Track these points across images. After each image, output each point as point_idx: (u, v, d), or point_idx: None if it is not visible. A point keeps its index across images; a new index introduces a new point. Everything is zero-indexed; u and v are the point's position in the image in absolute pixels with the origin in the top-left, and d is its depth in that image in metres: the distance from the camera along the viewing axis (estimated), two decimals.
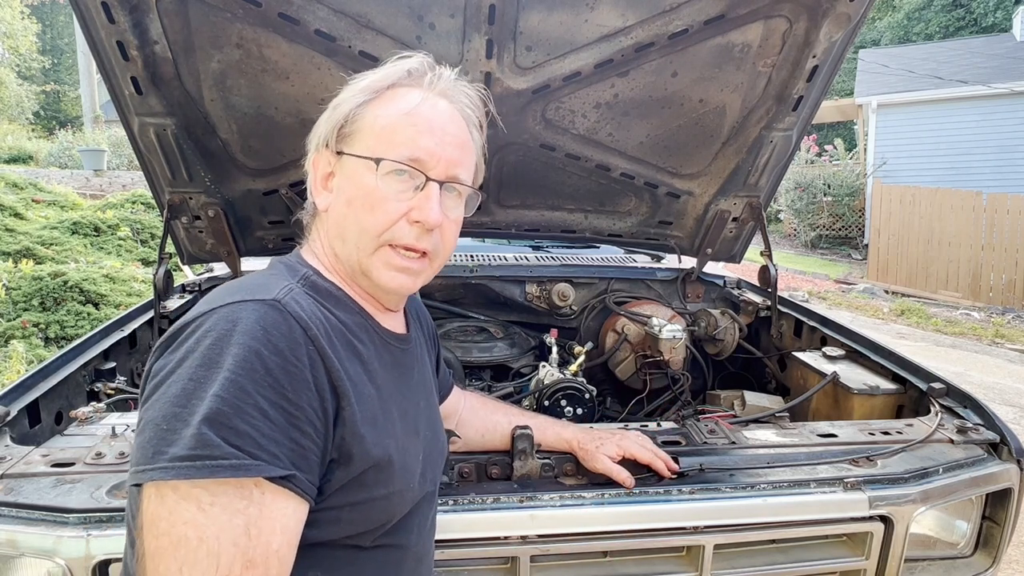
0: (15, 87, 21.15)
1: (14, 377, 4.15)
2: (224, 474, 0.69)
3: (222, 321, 0.76)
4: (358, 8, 1.59)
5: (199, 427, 0.69)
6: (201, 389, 0.71)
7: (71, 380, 1.64)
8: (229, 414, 0.70)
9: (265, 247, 2.27)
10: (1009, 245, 10.19)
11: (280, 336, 0.76)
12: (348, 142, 0.93)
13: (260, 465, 0.71)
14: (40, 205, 8.88)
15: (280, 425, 0.73)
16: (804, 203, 14.30)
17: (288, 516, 0.74)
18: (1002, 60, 14.29)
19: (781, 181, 2.29)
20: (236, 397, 0.71)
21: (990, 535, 1.45)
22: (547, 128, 1.99)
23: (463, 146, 0.95)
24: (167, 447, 0.69)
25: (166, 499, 0.70)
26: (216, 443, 0.69)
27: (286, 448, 0.74)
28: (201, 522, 0.69)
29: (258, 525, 0.71)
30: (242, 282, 0.87)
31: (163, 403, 0.72)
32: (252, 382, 0.72)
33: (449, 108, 0.94)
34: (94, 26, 1.55)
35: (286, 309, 0.79)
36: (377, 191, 0.89)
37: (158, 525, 0.70)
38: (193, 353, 0.74)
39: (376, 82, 0.94)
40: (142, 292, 5.94)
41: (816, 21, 1.70)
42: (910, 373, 1.76)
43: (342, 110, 0.94)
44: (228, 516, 0.70)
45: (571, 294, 2.46)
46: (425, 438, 1.01)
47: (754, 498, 1.26)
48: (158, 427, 0.71)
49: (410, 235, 0.90)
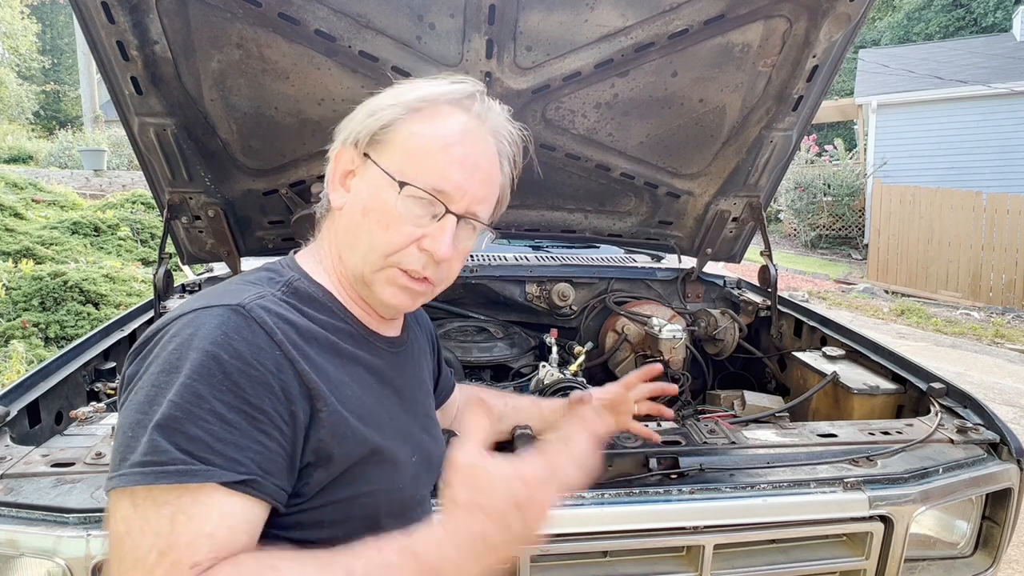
0: (15, 87, 21.17)
1: (14, 377, 4.15)
2: (169, 480, 0.68)
3: (186, 327, 0.76)
4: (358, 8, 1.59)
5: (151, 432, 0.69)
6: (161, 395, 0.71)
7: (71, 380, 1.64)
8: (181, 419, 0.70)
9: (265, 247, 2.27)
10: (1009, 245, 10.19)
11: (241, 340, 0.75)
12: (378, 149, 0.90)
13: (211, 471, 0.69)
14: (40, 205, 8.88)
15: (242, 428, 0.72)
16: (804, 203, 14.29)
17: (232, 504, 0.71)
18: (1002, 60, 14.29)
19: (781, 181, 2.29)
20: (189, 402, 0.70)
21: (990, 535, 1.45)
22: (547, 128, 1.99)
23: (491, 183, 0.94)
24: (128, 453, 0.70)
25: (116, 502, 0.71)
26: (165, 448, 0.68)
27: (251, 452, 0.72)
28: (130, 516, 0.69)
29: (187, 512, 0.69)
30: (215, 289, 0.86)
31: (129, 410, 0.73)
32: (208, 386, 0.71)
33: (487, 143, 0.93)
34: (94, 26, 1.55)
35: (251, 314, 0.78)
36: (394, 211, 0.87)
37: (109, 527, 0.72)
38: (158, 359, 0.74)
39: (422, 99, 0.91)
40: (142, 292, 5.94)
41: (816, 21, 1.70)
42: (910, 373, 1.76)
43: (379, 118, 0.91)
44: (156, 507, 0.69)
45: (571, 294, 2.46)
46: (419, 440, 1.00)
47: (754, 498, 1.26)
48: (124, 434, 0.71)
49: (417, 262, 0.89)
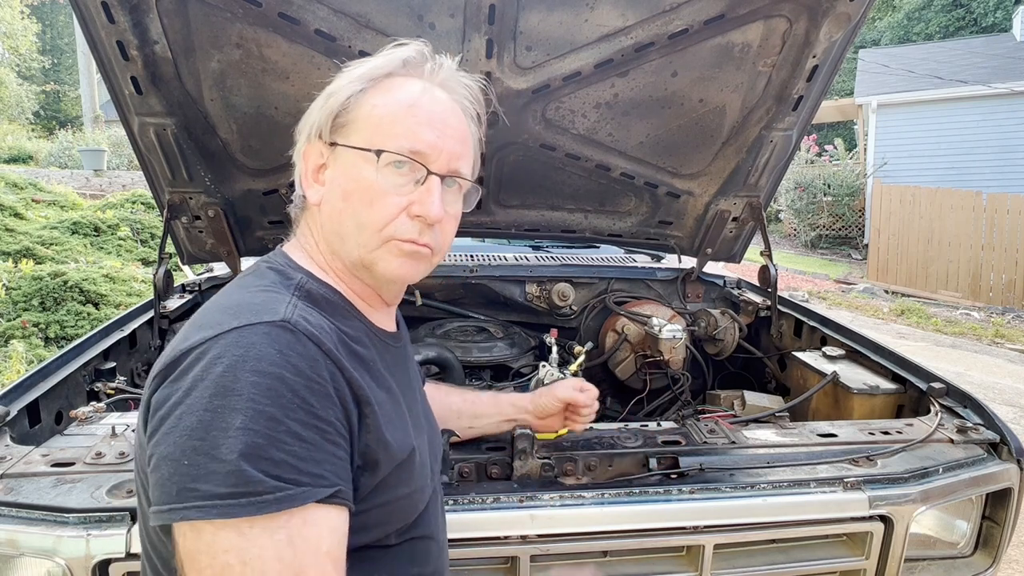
0: (15, 87, 21.16)
1: (14, 377, 4.15)
2: (270, 509, 0.67)
3: (232, 347, 0.72)
4: (358, 8, 1.59)
5: (238, 464, 0.66)
6: (221, 420, 0.68)
7: (71, 380, 1.64)
8: (263, 445, 0.68)
9: (265, 247, 2.27)
10: (1009, 245, 10.19)
11: (298, 356, 0.73)
12: (343, 133, 0.88)
13: (306, 491, 0.69)
14: (40, 205, 8.88)
15: (317, 443, 0.72)
16: (804, 203, 14.29)
17: (333, 518, 0.73)
18: (1002, 60, 14.28)
19: (781, 181, 2.29)
20: (267, 427, 0.68)
21: (990, 535, 1.45)
22: (547, 128, 1.99)
23: (464, 139, 0.92)
24: (195, 483, 0.67)
25: (203, 533, 0.67)
26: (258, 479, 0.67)
27: (328, 464, 0.72)
28: (242, 546, 0.67)
29: (302, 534, 0.69)
30: (238, 301, 0.81)
31: (177, 436, 0.68)
32: (280, 408, 0.70)
33: (449, 100, 0.92)
34: (94, 26, 1.55)
35: (297, 328, 0.76)
36: (376, 184, 0.85)
37: (199, 560, 0.68)
38: (203, 382, 0.70)
39: (373, 70, 0.89)
40: (142, 292, 5.94)
41: (816, 21, 1.70)
42: (910, 373, 1.76)
43: (337, 99, 0.89)
44: (268, 534, 0.67)
45: (571, 294, 2.46)
46: (425, 430, 1.02)
47: (754, 498, 1.26)
48: (178, 463, 0.68)
49: (412, 230, 0.87)
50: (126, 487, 1.15)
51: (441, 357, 2.04)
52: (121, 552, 1.06)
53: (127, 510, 1.09)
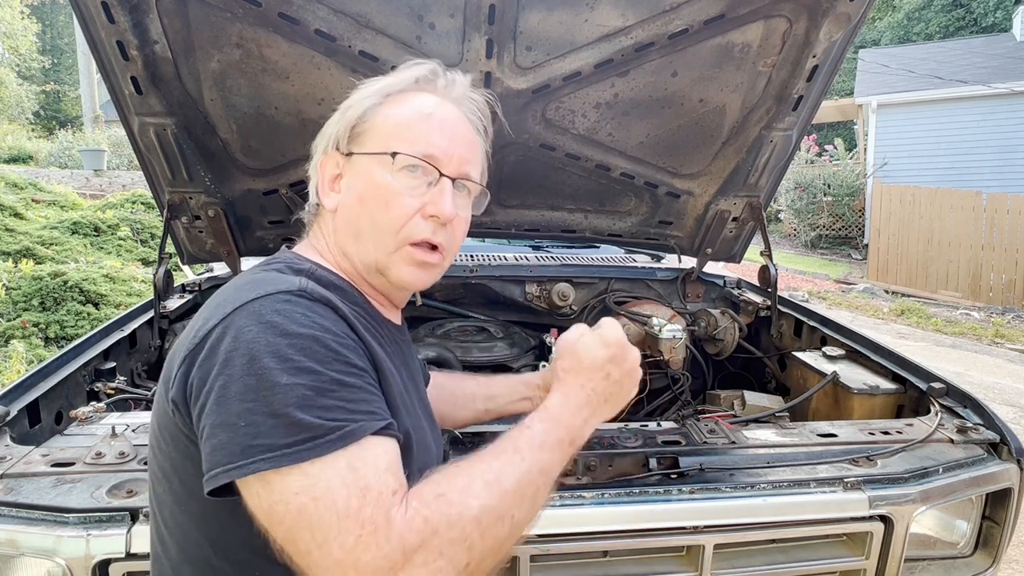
0: (15, 87, 21.17)
1: (14, 377, 4.15)
2: (335, 447, 0.71)
3: (255, 316, 0.76)
4: (358, 8, 1.59)
5: (293, 414, 0.70)
6: (266, 381, 0.71)
7: (71, 380, 1.64)
8: (312, 396, 0.72)
9: (265, 247, 2.27)
10: (1009, 245, 10.19)
11: (321, 317, 0.78)
12: (359, 142, 0.94)
13: (363, 425, 0.74)
14: (40, 205, 8.88)
15: (360, 386, 0.77)
16: (804, 203, 14.29)
17: (387, 443, 0.77)
18: (1002, 60, 14.29)
19: (781, 181, 2.29)
20: (311, 380, 0.73)
21: (990, 535, 1.45)
22: (547, 128, 1.99)
23: (472, 146, 0.98)
24: (256, 440, 0.70)
25: (273, 484, 0.71)
26: (316, 424, 0.71)
27: (375, 403, 0.78)
28: (309, 484, 0.70)
29: (361, 456, 0.73)
30: (252, 280, 0.85)
31: (229, 404, 0.72)
32: (317, 362, 0.74)
33: (458, 112, 0.98)
34: (94, 26, 1.55)
35: (314, 295, 0.80)
36: (391, 186, 0.90)
37: (276, 510, 0.71)
38: (237, 351, 0.73)
39: (389, 87, 0.96)
40: (142, 292, 5.94)
41: (816, 21, 1.70)
42: (910, 373, 1.76)
43: (354, 112, 0.95)
44: (330, 466, 0.71)
45: (571, 294, 2.46)
46: (428, 422, 1.03)
47: (754, 498, 1.26)
48: (234, 427, 0.71)
49: (426, 230, 0.92)
50: (126, 487, 1.15)
51: (441, 357, 2.04)
52: (121, 552, 1.06)
53: (127, 510, 1.09)
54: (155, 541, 0.89)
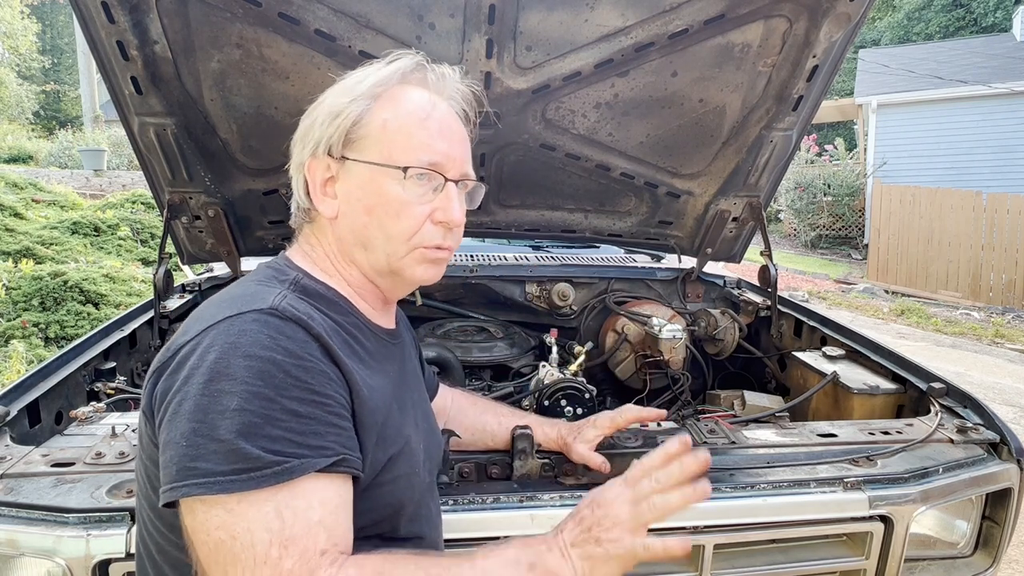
0: (15, 87, 21.17)
1: (14, 377, 4.15)
2: (268, 482, 0.70)
3: (223, 335, 0.76)
4: (358, 8, 1.59)
5: (235, 442, 0.69)
6: (217, 403, 0.71)
7: (71, 380, 1.64)
8: (259, 424, 0.71)
9: (265, 247, 2.27)
10: (1009, 245, 10.19)
11: (288, 339, 0.77)
12: (355, 148, 0.92)
13: (304, 462, 0.72)
14: (40, 205, 8.88)
15: (317, 416, 0.75)
16: (804, 203, 14.29)
17: (327, 488, 0.75)
18: (1002, 60, 14.28)
19: (781, 181, 2.29)
20: (261, 407, 0.72)
21: (990, 535, 1.45)
22: (547, 128, 1.99)
23: (465, 142, 0.99)
24: (194, 462, 0.70)
25: (197, 512, 0.71)
26: (256, 455, 0.70)
27: (331, 435, 0.76)
28: (229, 521, 0.69)
29: (291, 505, 0.71)
30: (231, 294, 0.86)
31: (179, 422, 0.72)
32: (273, 388, 0.73)
33: (448, 107, 0.98)
34: (94, 26, 1.55)
35: (285, 314, 0.79)
36: (402, 197, 0.90)
37: (197, 537, 0.72)
38: (198, 369, 0.74)
39: (376, 86, 0.93)
40: (142, 292, 5.94)
41: (816, 21, 1.70)
42: (910, 373, 1.76)
43: (347, 118, 0.92)
44: (256, 507, 0.70)
45: (571, 294, 2.46)
46: (423, 429, 1.03)
47: (754, 498, 1.26)
48: (179, 446, 0.71)
49: (437, 235, 0.93)
50: (126, 487, 1.15)
51: (441, 357, 2.04)
52: (121, 552, 1.06)
53: (127, 510, 1.09)
54: (138, 540, 0.91)
